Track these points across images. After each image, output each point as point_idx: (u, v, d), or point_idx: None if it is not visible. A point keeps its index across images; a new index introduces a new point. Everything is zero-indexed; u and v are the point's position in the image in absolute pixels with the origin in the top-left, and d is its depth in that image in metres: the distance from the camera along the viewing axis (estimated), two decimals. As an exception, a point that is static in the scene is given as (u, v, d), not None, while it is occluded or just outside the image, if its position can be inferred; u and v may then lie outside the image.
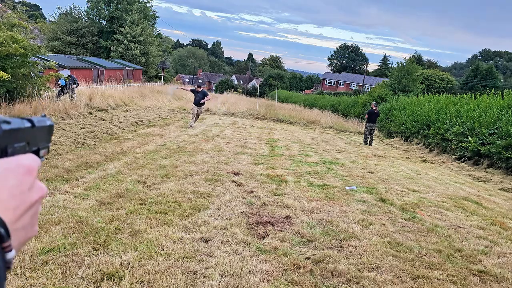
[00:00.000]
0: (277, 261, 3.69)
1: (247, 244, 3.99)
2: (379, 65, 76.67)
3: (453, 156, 12.55)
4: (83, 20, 39.21)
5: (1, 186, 0.51)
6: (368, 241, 4.39)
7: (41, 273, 3.06)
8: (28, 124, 0.58)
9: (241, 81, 79.57)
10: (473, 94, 16.19)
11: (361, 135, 17.96)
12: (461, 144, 12.21)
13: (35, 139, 0.61)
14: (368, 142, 14.38)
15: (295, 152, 10.03)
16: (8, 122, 0.53)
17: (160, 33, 47.21)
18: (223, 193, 5.68)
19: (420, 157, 12.67)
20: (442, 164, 11.78)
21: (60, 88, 13.71)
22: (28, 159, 0.56)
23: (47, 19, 40.20)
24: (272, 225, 4.61)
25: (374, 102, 15.23)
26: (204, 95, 13.16)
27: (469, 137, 11.89)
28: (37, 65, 11.58)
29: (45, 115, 0.66)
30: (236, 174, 6.93)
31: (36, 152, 0.62)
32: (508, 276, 3.87)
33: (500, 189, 8.70)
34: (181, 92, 22.75)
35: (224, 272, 3.36)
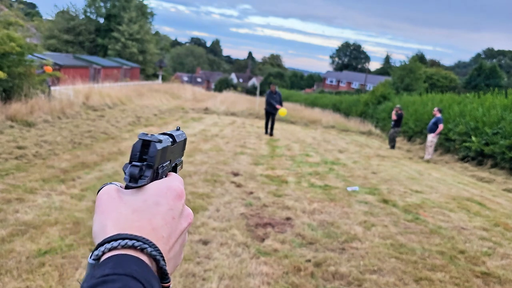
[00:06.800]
0: (277, 264, 3.62)
1: (247, 246, 3.93)
2: (382, 64, 76.53)
3: (457, 156, 12.46)
4: (80, 18, 38.96)
5: (154, 212, 0.45)
6: (370, 243, 4.32)
7: (38, 275, 3.02)
8: (170, 140, 0.54)
9: (241, 80, 79.35)
10: (476, 93, 16.10)
11: (363, 135, 17.88)
12: (464, 144, 12.10)
13: (174, 155, 0.56)
14: (394, 147, 14.25)
15: (296, 152, 9.95)
16: (160, 141, 0.49)
17: (157, 31, 47.07)
18: (222, 194, 5.60)
19: (423, 157, 12.58)
20: (445, 165, 11.69)
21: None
22: (176, 181, 0.50)
23: (43, 18, 39.97)
24: (273, 226, 4.54)
25: (399, 106, 15.02)
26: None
27: (472, 137, 11.79)
28: (33, 63, 11.46)
29: (179, 128, 0.61)
30: (236, 174, 6.85)
31: (174, 169, 0.58)
32: (511, 278, 3.81)
33: (503, 190, 8.62)
34: (180, 91, 22.71)
35: (223, 275, 3.30)
